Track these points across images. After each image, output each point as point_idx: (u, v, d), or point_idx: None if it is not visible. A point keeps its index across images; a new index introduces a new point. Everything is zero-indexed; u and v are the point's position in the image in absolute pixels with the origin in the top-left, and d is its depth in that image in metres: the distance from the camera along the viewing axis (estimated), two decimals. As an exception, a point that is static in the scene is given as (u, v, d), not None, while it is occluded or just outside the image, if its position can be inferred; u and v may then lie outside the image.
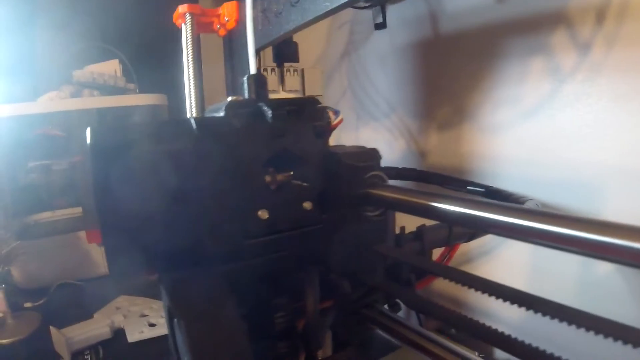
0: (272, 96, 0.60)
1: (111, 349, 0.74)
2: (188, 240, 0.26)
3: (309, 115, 0.30)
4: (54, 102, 0.96)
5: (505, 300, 0.25)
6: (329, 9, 0.38)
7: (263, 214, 0.28)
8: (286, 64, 0.61)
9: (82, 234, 1.00)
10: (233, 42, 0.58)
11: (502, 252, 0.69)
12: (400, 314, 0.36)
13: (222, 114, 0.28)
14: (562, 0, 0.56)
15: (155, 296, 0.93)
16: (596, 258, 0.20)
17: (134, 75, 1.06)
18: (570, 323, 0.21)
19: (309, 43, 0.94)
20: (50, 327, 0.73)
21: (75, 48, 1.03)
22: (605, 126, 0.55)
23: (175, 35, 1.15)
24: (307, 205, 0.29)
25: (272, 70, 0.61)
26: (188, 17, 0.56)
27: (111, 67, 1.03)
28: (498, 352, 0.72)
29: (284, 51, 0.59)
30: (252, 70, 0.31)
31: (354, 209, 0.30)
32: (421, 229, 0.40)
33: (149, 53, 1.09)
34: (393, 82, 0.86)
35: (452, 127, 0.76)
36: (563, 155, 0.60)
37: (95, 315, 0.83)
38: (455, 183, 0.60)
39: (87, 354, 0.73)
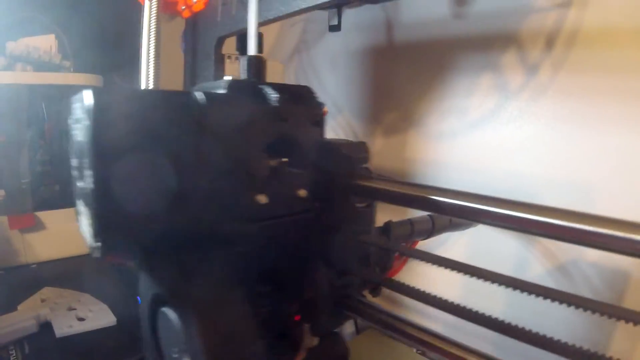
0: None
1: (38, 344, 0.68)
2: (185, 219, 0.24)
3: (308, 103, 0.29)
4: (-18, 73, 0.86)
5: (478, 277, 0.26)
6: (312, 4, 0.37)
7: (261, 198, 0.27)
8: (250, 55, 0.59)
9: (2, 219, 0.91)
10: (198, 25, 0.56)
11: (444, 252, 0.72)
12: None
13: (223, 91, 0.27)
14: (516, 23, 0.60)
15: (82, 288, 0.86)
16: (559, 240, 0.24)
17: (69, 53, 0.98)
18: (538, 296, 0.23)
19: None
20: (-29, 319, 0.65)
21: (10, 18, 0.93)
22: (543, 143, 0.59)
23: (117, 15, 1.09)
24: (302, 192, 0.29)
25: (236, 58, 0.59)
26: (154, -5, 0.53)
27: (47, 42, 0.94)
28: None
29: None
30: (252, 51, 0.29)
31: (345, 199, 0.30)
32: (388, 223, 0.41)
33: (86, 31, 1.01)
34: (342, 84, 0.87)
35: (398, 132, 0.78)
36: (503, 165, 0.64)
37: (19, 308, 0.75)
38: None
39: (11, 349, 0.66)
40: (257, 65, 0.29)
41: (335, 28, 0.75)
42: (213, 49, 0.51)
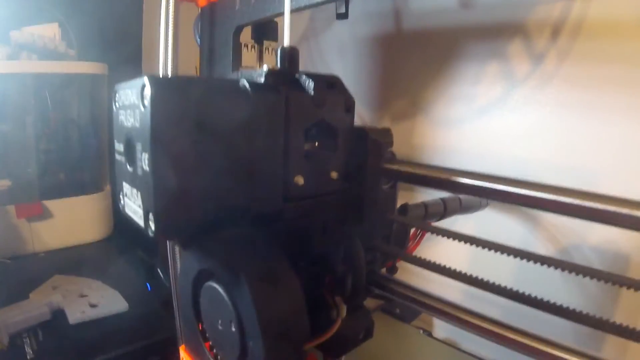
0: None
1: (51, 331, 0.70)
2: (233, 199, 0.26)
3: (339, 90, 0.31)
4: (-12, 62, 0.87)
5: (491, 249, 0.29)
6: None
7: (299, 180, 0.29)
8: (265, 42, 0.61)
9: (10, 208, 0.92)
10: (215, 13, 0.58)
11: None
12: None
13: (262, 80, 0.29)
14: (522, 13, 0.62)
15: (92, 276, 0.89)
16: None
17: (74, 41, 0.99)
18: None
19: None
20: (-16, 307, 0.67)
21: (12, 7, 0.94)
22: (548, 129, 0.62)
23: (121, 2, 1.10)
24: (334, 174, 0.31)
25: (252, 47, 0.61)
26: (172, -16, 0.54)
27: (50, 31, 0.95)
28: (438, 329, 0.79)
29: (265, 29, 0.59)
30: (286, 42, 0.31)
31: (373, 180, 0.33)
32: (405, 205, 0.43)
33: (89, 19, 1.02)
34: (350, 72, 0.89)
35: (406, 119, 0.81)
36: (509, 151, 0.67)
37: (31, 296, 0.78)
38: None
39: (25, 337, 0.68)
40: (291, 55, 0.31)
41: (342, 16, 0.76)
42: (231, 37, 0.53)
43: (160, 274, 0.85)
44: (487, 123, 0.68)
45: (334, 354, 0.33)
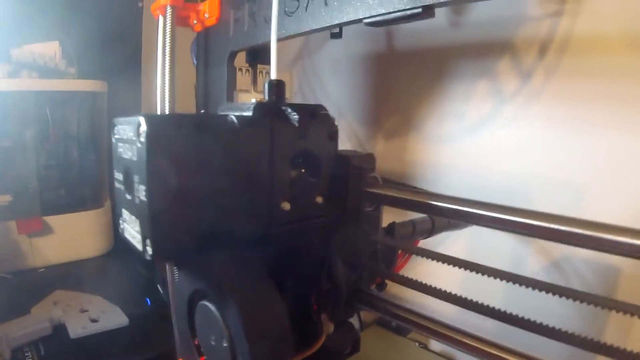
0: (243, 95, 0.64)
1: (52, 346, 0.73)
2: (223, 225, 0.29)
3: (322, 120, 0.34)
4: (-11, 80, 0.90)
5: (482, 274, 0.31)
6: (328, 24, 0.43)
7: (285, 205, 0.32)
8: (259, 66, 0.65)
9: (9, 224, 0.95)
10: (210, 38, 0.61)
11: (444, 251, 0.78)
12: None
13: (249, 113, 0.32)
14: (510, 31, 0.66)
15: (93, 291, 0.92)
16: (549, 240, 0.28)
17: (74, 59, 1.03)
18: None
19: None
20: (-14, 323, 0.70)
21: (13, 25, 0.98)
22: (537, 145, 0.65)
23: (118, 19, 1.14)
24: (319, 199, 0.34)
25: (247, 70, 0.65)
26: (168, 10, 0.58)
27: (51, 49, 0.99)
28: (434, 343, 0.81)
29: (258, 54, 0.63)
30: (273, 75, 0.35)
31: (356, 204, 0.35)
32: (392, 224, 0.46)
33: (88, 36, 1.06)
34: (344, 90, 0.92)
35: (398, 135, 0.84)
36: (499, 167, 0.70)
37: (32, 311, 0.80)
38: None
39: (27, 351, 0.71)
40: (278, 88, 0.34)
41: (336, 35, 0.81)
42: (226, 62, 0.57)
43: (160, 289, 0.88)
44: (478, 139, 0.71)
45: (322, 367, 0.35)
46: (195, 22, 0.62)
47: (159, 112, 0.61)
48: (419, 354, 0.76)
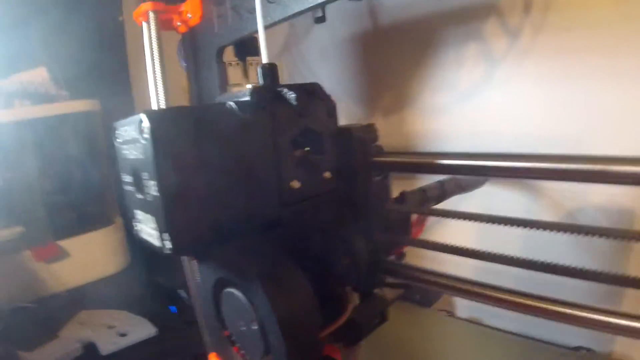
0: (236, 89, 0.64)
1: (85, 365, 0.75)
2: (237, 212, 0.30)
3: (319, 97, 0.35)
4: (-17, 114, 0.91)
5: (493, 222, 0.32)
6: (312, 5, 0.43)
7: (294, 184, 0.32)
8: (248, 58, 0.65)
9: (26, 253, 0.97)
10: (196, 38, 0.61)
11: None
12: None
13: (247, 98, 0.32)
14: (493, -9, 0.66)
15: (117, 306, 0.93)
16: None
17: (62, 81, 1.03)
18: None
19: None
20: (19, 352, 0.72)
21: (-1, 56, 0.99)
22: (532, 103, 0.65)
23: (102, 37, 1.14)
24: (327, 174, 0.35)
25: (237, 64, 0.65)
26: (151, 15, 0.58)
27: (39, 75, 1.00)
28: (460, 310, 0.82)
29: (246, 46, 0.63)
30: (265, 59, 0.35)
31: (364, 174, 0.36)
32: (403, 193, 0.47)
33: (74, 57, 1.06)
34: (335, 74, 0.93)
35: (395, 110, 0.84)
36: (497, 128, 0.70)
37: (60, 334, 0.82)
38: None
39: (60, 374, 0.72)
40: (271, 71, 0.34)
41: (320, 20, 0.80)
42: (214, 58, 0.57)
43: (182, 293, 0.89)
44: (474, 104, 0.71)
45: (351, 340, 0.36)
46: (179, 23, 0.63)
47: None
48: (446, 322, 0.77)
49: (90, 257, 1.04)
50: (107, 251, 1.08)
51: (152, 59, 0.60)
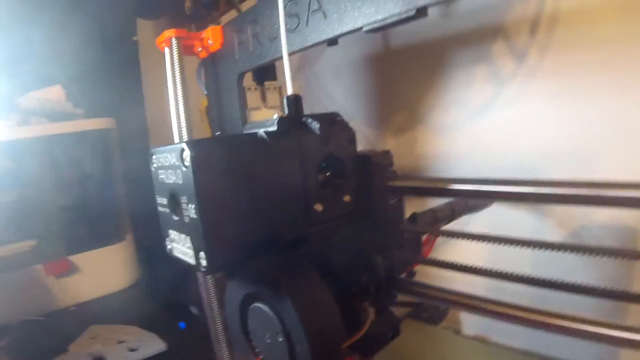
0: (255, 113, 0.68)
1: (95, 379, 0.77)
2: (267, 232, 0.33)
3: (340, 125, 0.38)
4: (2, 131, 0.95)
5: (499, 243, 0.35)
6: (329, 37, 0.47)
7: (318, 207, 0.36)
8: (266, 83, 0.69)
9: (37, 267, 1.00)
10: (217, 63, 0.65)
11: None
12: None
13: (274, 128, 0.36)
14: (499, 14, 0.69)
15: (127, 321, 0.96)
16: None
17: (78, 100, 1.08)
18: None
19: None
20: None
21: (17, 74, 1.03)
22: (542, 120, 0.68)
23: (117, 57, 1.19)
24: (347, 198, 0.38)
25: (255, 88, 0.69)
26: (174, 42, 0.62)
27: (55, 93, 1.04)
28: (467, 327, 0.84)
29: (265, 72, 0.67)
30: (290, 91, 0.39)
31: (381, 198, 0.39)
32: (414, 214, 0.50)
33: (90, 76, 1.11)
34: (349, 94, 0.96)
35: (407, 130, 0.87)
36: (508, 146, 0.73)
37: (70, 348, 0.84)
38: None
39: (71, 389, 0.74)
40: (296, 102, 0.38)
41: (332, 42, 0.84)
42: (235, 83, 0.61)
43: (194, 310, 0.92)
44: (484, 123, 0.74)
45: (368, 352, 0.39)
46: (199, 49, 0.67)
47: (176, 140, 0.65)
48: (454, 339, 0.79)
49: (101, 272, 1.07)
50: (117, 267, 1.11)
51: (175, 84, 0.63)
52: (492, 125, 0.74)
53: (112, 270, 1.10)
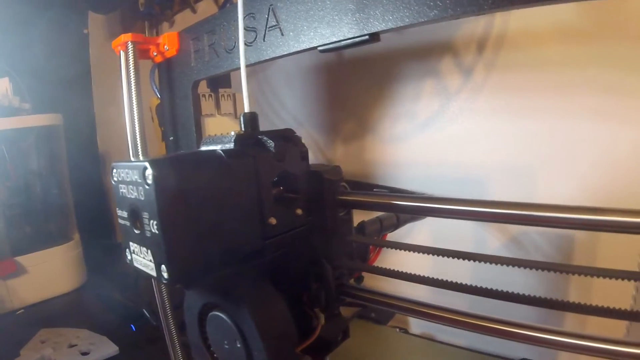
0: (209, 120, 0.70)
1: (46, 385, 0.77)
2: (225, 245, 0.36)
3: (294, 142, 0.42)
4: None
5: (441, 255, 0.39)
6: (284, 54, 0.50)
7: (272, 220, 0.39)
8: (220, 90, 0.71)
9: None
10: (173, 69, 0.67)
11: (411, 240, 0.87)
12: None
13: (231, 145, 0.39)
14: (449, 31, 0.75)
15: (78, 324, 0.95)
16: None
17: (26, 94, 1.05)
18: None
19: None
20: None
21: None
22: (484, 134, 0.74)
23: (67, 50, 1.17)
24: (299, 211, 0.41)
25: (210, 95, 0.71)
26: (130, 46, 0.63)
27: (1, 87, 1.01)
28: (413, 326, 0.90)
29: (219, 80, 0.69)
30: (247, 108, 0.41)
31: (331, 211, 0.43)
32: (362, 223, 0.54)
33: (38, 70, 1.09)
34: (300, 100, 1.00)
35: (356, 139, 0.92)
36: (452, 158, 0.79)
37: (22, 352, 0.84)
38: (364, 187, 0.76)
39: (22, 395, 0.74)
40: (252, 119, 0.41)
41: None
42: (190, 90, 0.63)
43: (147, 314, 0.93)
44: (430, 135, 0.80)
45: (320, 354, 0.43)
46: (155, 54, 0.68)
47: (130, 142, 0.66)
48: (401, 338, 0.85)
49: (48, 274, 1.06)
50: (65, 268, 1.10)
51: (129, 88, 0.65)
52: (437, 138, 0.79)
53: (60, 272, 1.08)
